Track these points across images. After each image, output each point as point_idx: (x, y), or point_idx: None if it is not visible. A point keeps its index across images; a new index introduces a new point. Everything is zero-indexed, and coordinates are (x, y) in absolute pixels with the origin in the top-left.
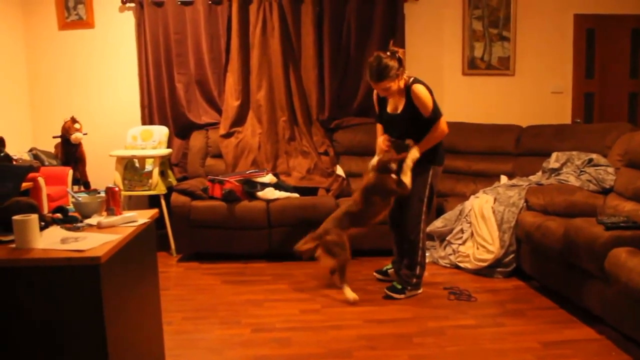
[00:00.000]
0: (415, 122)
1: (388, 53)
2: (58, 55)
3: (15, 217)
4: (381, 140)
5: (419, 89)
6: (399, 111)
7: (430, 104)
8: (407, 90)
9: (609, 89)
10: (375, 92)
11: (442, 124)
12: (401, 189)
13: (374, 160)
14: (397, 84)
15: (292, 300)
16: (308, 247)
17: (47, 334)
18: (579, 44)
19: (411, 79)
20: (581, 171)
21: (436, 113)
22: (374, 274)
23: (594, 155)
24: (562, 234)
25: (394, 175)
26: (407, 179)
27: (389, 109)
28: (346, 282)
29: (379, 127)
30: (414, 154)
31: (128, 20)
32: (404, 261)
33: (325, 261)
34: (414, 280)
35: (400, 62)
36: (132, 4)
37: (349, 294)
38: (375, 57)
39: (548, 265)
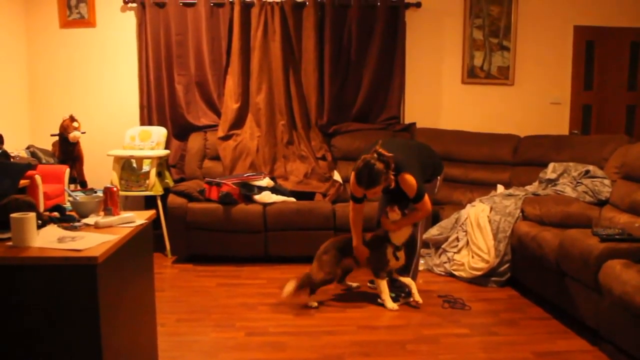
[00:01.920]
0: (403, 197)
1: (375, 155)
2: (59, 53)
3: (13, 215)
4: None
5: (408, 177)
6: (390, 188)
7: (416, 188)
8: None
9: (607, 101)
10: (354, 180)
11: (427, 203)
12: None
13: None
14: (384, 185)
15: (286, 304)
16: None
17: (42, 332)
18: (578, 56)
19: (395, 163)
20: (577, 182)
21: (421, 194)
22: (368, 284)
23: (590, 167)
24: (557, 244)
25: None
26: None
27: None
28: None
29: (355, 207)
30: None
31: (129, 20)
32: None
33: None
34: (407, 289)
35: (388, 165)
36: (134, 4)
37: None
38: (365, 164)
39: (543, 276)
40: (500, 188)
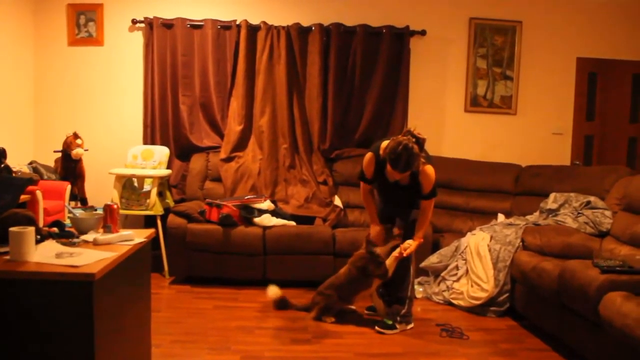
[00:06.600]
0: (414, 193)
1: (409, 137)
2: (65, 70)
3: (12, 229)
4: (377, 231)
5: (430, 170)
6: (403, 182)
7: (433, 183)
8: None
9: (609, 132)
10: (370, 160)
11: (432, 202)
12: (381, 275)
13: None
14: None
15: (283, 329)
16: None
17: (37, 347)
18: (580, 87)
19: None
20: (578, 213)
21: (434, 192)
22: (365, 311)
23: (591, 198)
24: (557, 275)
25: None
26: (391, 265)
27: (390, 178)
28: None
29: (365, 187)
30: (413, 246)
31: (137, 40)
32: (392, 295)
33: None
34: (403, 311)
35: (422, 147)
36: (142, 25)
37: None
38: (404, 146)
39: (542, 306)
40: (501, 217)
